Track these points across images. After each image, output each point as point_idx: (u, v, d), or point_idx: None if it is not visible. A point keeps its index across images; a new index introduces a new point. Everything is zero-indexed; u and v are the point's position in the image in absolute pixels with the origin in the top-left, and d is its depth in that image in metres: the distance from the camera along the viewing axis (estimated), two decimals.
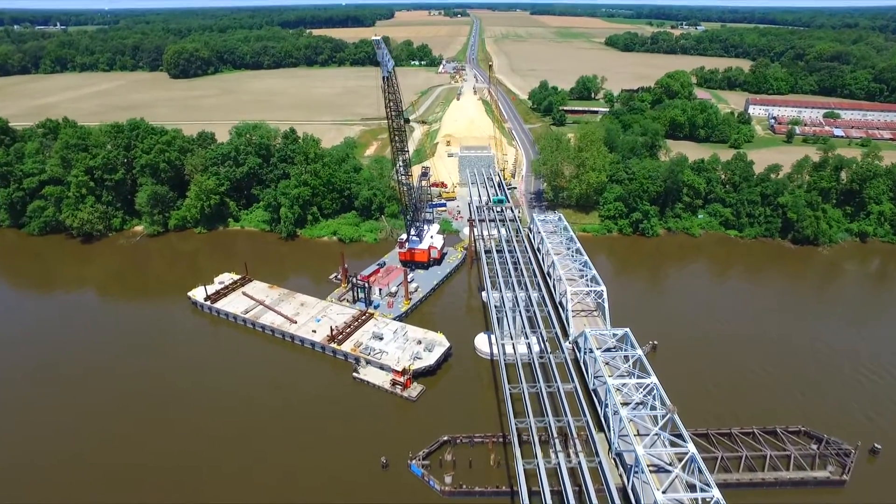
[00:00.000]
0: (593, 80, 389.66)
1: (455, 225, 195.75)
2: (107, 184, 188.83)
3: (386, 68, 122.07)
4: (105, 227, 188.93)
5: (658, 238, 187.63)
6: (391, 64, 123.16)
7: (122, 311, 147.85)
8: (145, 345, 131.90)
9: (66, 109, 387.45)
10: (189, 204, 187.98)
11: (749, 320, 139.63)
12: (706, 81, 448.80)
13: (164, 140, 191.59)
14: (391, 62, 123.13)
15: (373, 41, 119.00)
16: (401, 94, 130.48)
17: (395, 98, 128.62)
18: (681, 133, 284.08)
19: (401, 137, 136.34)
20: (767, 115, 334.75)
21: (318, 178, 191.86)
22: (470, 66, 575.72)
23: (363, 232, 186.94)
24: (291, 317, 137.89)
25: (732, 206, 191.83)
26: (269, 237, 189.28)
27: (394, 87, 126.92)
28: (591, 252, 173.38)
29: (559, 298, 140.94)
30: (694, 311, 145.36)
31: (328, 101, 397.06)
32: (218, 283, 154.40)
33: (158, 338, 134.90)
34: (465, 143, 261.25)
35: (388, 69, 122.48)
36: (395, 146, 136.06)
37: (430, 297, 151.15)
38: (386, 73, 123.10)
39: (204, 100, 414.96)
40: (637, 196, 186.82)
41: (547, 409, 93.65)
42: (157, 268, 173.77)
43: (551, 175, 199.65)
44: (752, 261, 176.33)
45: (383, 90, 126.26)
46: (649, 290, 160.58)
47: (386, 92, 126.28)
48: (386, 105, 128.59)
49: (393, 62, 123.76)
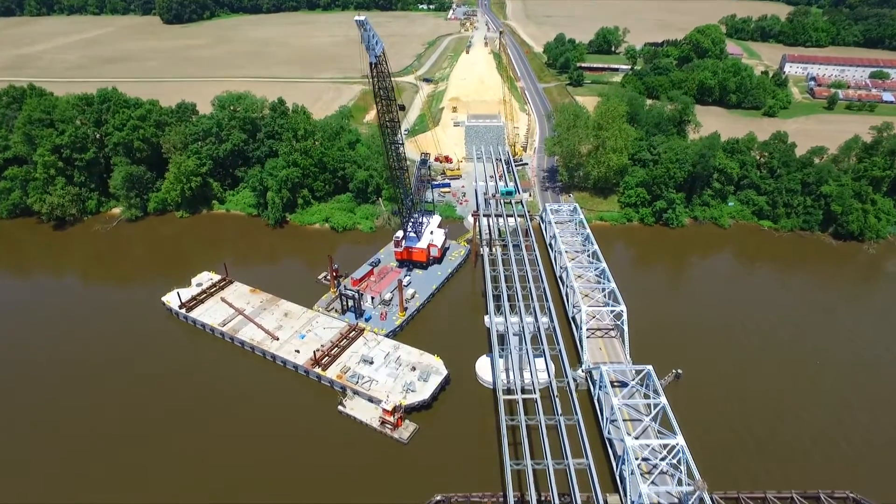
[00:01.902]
0: (614, 32, 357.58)
1: (459, 210, 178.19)
2: (77, 164, 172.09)
3: (373, 53, 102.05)
4: (79, 210, 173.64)
5: (683, 229, 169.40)
6: (380, 47, 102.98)
7: (88, 315, 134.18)
8: (110, 358, 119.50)
9: (50, 61, 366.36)
10: (168, 187, 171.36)
11: (787, 337, 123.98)
12: (737, 32, 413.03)
13: (137, 115, 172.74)
14: (380, 45, 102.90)
15: (356, 22, 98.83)
16: (392, 83, 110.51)
17: (386, 86, 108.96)
18: (710, 98, 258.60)
19: (394, 129, 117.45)
20: (806, 74, 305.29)
21: (309, 157, 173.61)
22: (482, 11, 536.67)
23: (358, 219, 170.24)
24: (273, 332, 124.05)
25: (768, 195, 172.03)
26: (256, 223, 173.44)
27: (384, 73, 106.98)
28: (608, 244, 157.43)
29: (571, 312, 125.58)
30: (722, 323, 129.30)
31: (328, 53, 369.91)
32: (195, 286, 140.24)
33: (125, 349, 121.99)
34: (473, 110, 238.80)
35: (375, 54, 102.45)
36: (387, 140, 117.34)
37: (430, 302, 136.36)
38: (373, 59, 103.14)
39: (197, 51, 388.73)
40: (662, 182, 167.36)
41: (550, 472, 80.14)
42: (132, 260, 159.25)
43: (567, 156, 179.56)
44: (789, 259, 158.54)
45: (371, 78, 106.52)
46: (672, 295, 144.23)
47: (374, 80, 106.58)
48: (375, 95, 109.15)
49: (382, 44, 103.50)
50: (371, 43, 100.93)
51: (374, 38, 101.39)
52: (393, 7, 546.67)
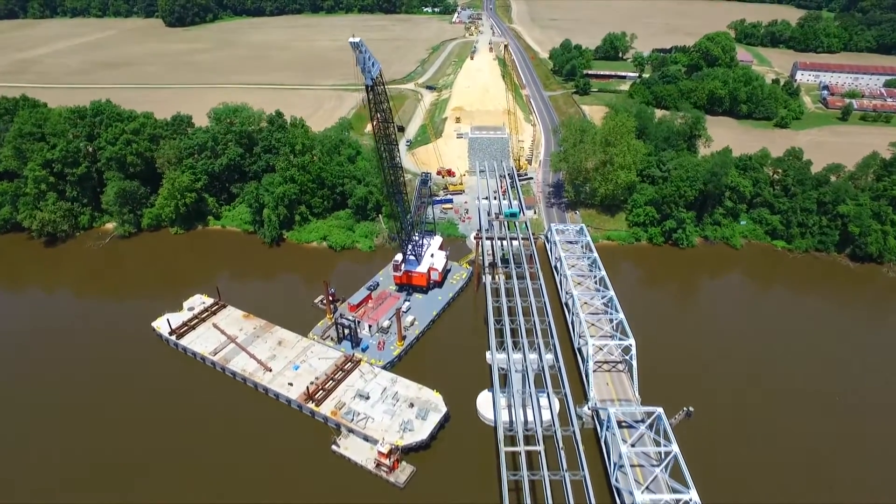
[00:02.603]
0: (621, 38, 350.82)
1: (461, 228, 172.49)
2: (69, 178, 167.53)
3: (370, 75, 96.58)
4: (71, 226, 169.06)
5: (693, 249, 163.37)
6: (377, 68, 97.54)
7: (75, 341, 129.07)
8: (96, 387, 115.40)
9: (51, 66, 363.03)
10: (161, 203, 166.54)
11: (807, 369, 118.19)
12: (746, 37, 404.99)
13: (131, 128, 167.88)
14: (377, 66, 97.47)
15: (350, 43, 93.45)
16: (390, 104, 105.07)
17: (384, 108, 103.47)
18: (720, 108, 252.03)
19: (391, 153, 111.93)
20: (818, 82, 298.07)
21: (307, 173, 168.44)
22: (487, 14, 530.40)
23: (357, 237, 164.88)
24: (266, 362, 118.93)
25: (782, 214, 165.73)
26: (251, 240, 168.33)
27: (381, 95, 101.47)
28: (616, 264, 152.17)
29: (577, 343, 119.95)
30: (735, 353, 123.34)
31: (330, 59, 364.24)
32: (187, 310, 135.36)
33: (112, 379, 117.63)
34: (477, 120, 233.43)
35: (372, 76, 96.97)
36: (385, 165, 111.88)
37: (430, 329, 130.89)
38: (370, 82, 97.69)
39: (198, 55, 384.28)
40: (672, 201, 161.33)
41: None
42: (123, 279, 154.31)
43: (573, 172, 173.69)
44: (805, 282, 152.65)
45: (368, 102, 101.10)
46: (682, 322, 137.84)
47: (371, 104, 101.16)
48: (372, 118, 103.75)
49: (379, 65, 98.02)
50: (367, 65, 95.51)
51: (371, 60, 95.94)
52: (397, 10, 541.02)
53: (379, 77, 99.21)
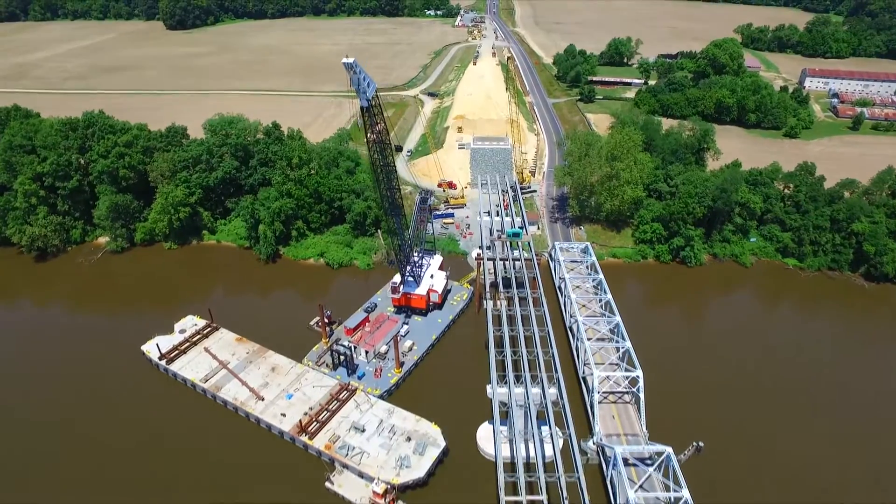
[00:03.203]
0: (626, 43, 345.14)
1: (462, 245, 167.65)
2: (60, 192, 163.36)
3: (365, 96, 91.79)
4: (62, 240, 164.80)
5: (701, 267, 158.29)
6: (372, 88, 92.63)
7: (62, 364, 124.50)
8: (81, 414, 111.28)
9: (50, 70, 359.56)
10: (154, 217, 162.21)
11: (824, 398, 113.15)
12: (753, 42, 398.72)
13: (124, 140, 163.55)
14: (372, 86, 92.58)
15: (344, 65, 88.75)
16: (387, 128, 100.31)
17: (380, 130, 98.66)
18: (728, 117, 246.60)
19: (389, 176, 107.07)
20: (828, 90, 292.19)
21: (304, 187, 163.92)
22: (490, 17, 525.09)
23: (355, 254, 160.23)
24: (258, 390, 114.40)
25: (793, 231, 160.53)
26: (247, 256, 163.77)
27: (376, 117, 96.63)
28: (621, 283, 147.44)
29: (582, 372, 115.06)
30: (747, 380, 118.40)
31: (331, 64, 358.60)
32: (178, 332, 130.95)
33: (99, 405, 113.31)
34: (479, 130, 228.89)
35: (367, 97, 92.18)
36: (382, 187, 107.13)
37: (429, 354, 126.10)
38: (365, 103, 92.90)
39: (198, 59, 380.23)
40: (680, 219, 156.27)
41: None
42: (114, 298, 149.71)
43: (578, 187, 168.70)
44: (818, 303, 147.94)
45: (364, 123, 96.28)
46: (691, 346, 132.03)
47: (367, 125, 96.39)
48: (368, 140, 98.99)
49: (374, 85, 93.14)
50: (362, 85, 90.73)
51: (366, 80, 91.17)
52: (399, 13, 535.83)
53: (375, 97, 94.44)
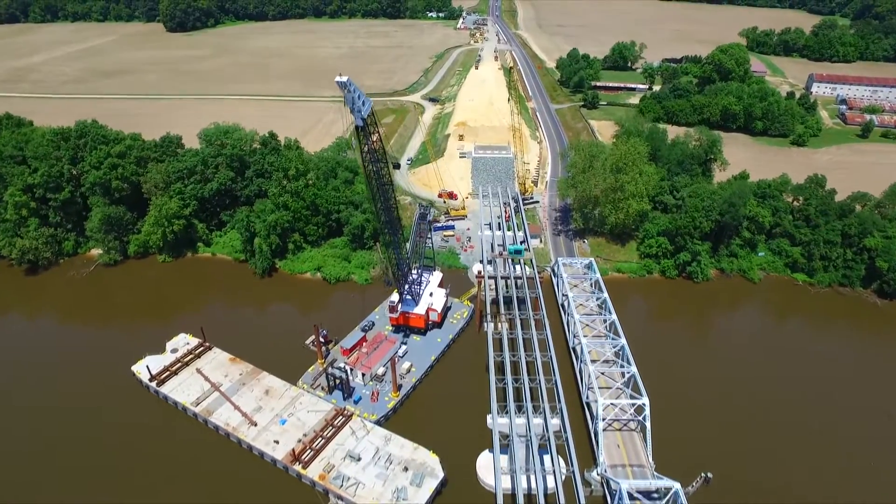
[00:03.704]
0: (630, 47, 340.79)
1: (463, 258, 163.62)
2: (51, 204, 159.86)
3: (360, 115, 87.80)
4: (53, 253, 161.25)
5: (708, 283, 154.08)
6: (367, 107, 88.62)
7: (50, 383, 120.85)
8: (68, 436, 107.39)
9: (48, 74, 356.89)
10: (148, 230, 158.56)
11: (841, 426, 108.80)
12: (759, 45, 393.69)
13: (116, 151, 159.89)
14: (367, 104, 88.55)
15: (337, 83, 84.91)
16: (384, 146, 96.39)
17: (375, 150, 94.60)
18: (734, 124, 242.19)
19: (385, 195, 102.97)
20: (836, 96, 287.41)
21: (301, 199, 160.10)
22: (492, 19, 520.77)
23: (353, 268, 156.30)
24: (251, 415, 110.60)
25: (803, 245, 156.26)
26: (242, 270, 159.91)
27: (371, 137, 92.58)
28: (626, 299, 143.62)
29: (586, 397, 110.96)
30: (757, 404, 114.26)
31: (332, 67, 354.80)
32: (170, 351, 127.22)
33: (86, 428, 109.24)
34: (481, 137, 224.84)
35: (362, 116, 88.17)
36: (378, 207, 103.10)
37: (428, 375, 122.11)
38: (360, 122, 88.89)
39: (198, 62, 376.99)
40: (686, 233, 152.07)
41: None
42: (105, 313, 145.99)
43: (582, 200, 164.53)
44: (829, 321, 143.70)
45: (359, 142, 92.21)
46: (698, 368, 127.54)
47: (362, 145, 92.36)
48: (363, 161, 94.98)
49: (370, 103, 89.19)
50: (357, 104, 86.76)
51: (361, 98, 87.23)
52: (401, 15, 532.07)
53: (370, 116, 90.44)
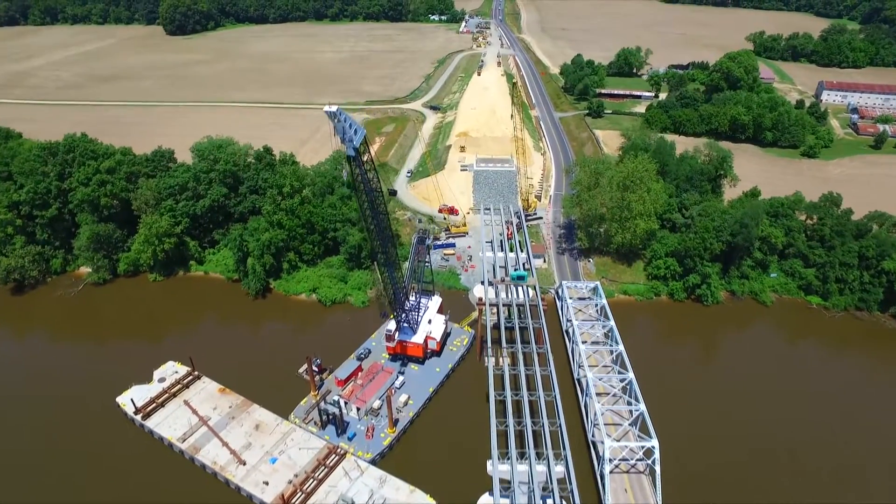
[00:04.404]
0: (636, 53, 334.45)
1: (464, 279, 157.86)
2: (38, 221, 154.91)
3: (352, 145, 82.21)
4: (41, 271, 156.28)
5: (718, 306, 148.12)
6: (360, 136, 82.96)
7: (30, 414, 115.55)
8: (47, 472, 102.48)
9: (45, 79, 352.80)
10: (138, 248, 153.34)
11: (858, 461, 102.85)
12: (766, 50, 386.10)
13: (106, 167, 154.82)
14: (360, 133, 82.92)
15: (326, 113, 79.42)
16: (378, 176, 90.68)
17: (369, 180, 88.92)
18: (743, 135, 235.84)
19: (380, 227, 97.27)
20: (846, 104, 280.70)
21: (296, 217, 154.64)
22: (495, 22, 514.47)
23: (349, 290, 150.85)
24: (240, 452, 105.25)
25: (818, 267, 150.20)
26: (235, 290, 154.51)
27: (365, 167, 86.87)
28: (633, 323, 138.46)
29: (591, 435, 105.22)
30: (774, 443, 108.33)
31: (332, 73, 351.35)
32: (157, 380, 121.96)
33: (67, 463, 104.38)
34: (483, 148, 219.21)
35: (354, 146, 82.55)
36: (374, 242, 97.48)
37: (426, 409, 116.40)
38: (352, 152, 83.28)
39: (196, 67, 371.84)
40: (696, 254, 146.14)
41: None
42: (92, 336, 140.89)
43: (587, 219, 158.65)
44: (845, 346, 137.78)
45: (351, 173, 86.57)
46: (709, 402, 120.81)
47: (354, 176, 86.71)
48: (357, 192, 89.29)
49: (363, 132, 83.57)
50: (349, 133, 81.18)
51: (353, 127, 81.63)
52: (403, 18, 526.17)
53: (363, 145, 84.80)
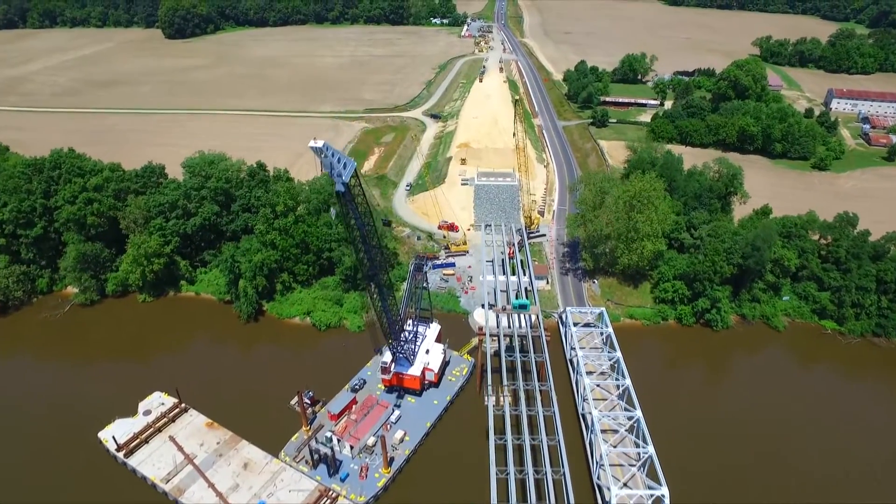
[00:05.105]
0: (640, 59, 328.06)
1: (464, 302, 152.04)
2: (23, 240, 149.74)
3: (341, 180, 76.51)
4: (26, 291, 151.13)
5: (728, 331, 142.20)
6: (349, 170, 77.13)
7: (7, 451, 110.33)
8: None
9: (41, 85, 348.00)
10: (126, 269, 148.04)
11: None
12: (773, 55, 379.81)
13: (93, 184, 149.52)
14: (349, 167, 77.13)
15: (311, 149, 73.80)
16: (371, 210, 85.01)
17: (361, 215, 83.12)
18: (751, 146, 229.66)
19: (372, 260, 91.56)
20: (857, 113, 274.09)
21: (289, 237, 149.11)
22: (498, 26, 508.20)
23: (345, 313, 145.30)
24: (226, 494, 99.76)
25: (833, 291, 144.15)
26: (226, 312, 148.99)
27: (355, 201, 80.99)
28: (639, 349, 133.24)
29: (596, 476, 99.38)
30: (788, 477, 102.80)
31: (332, 79, 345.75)
32: (143, 413, 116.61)
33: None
34: (485, 161, 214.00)
35: (343, 180, 76.82)
36: (367, 275, 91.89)
37: (423, 445, 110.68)
38: (341, 188, 77.58)
39: (195, 73, 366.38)
40: (706, 278, 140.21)
41: None
42: (76, 363, 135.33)
43: (592, 240, 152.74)
44: (862, 375, 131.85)
45: (340, 210, 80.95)
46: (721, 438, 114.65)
47: (345, 212, 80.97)
48: (348, 228, 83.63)
49: (353, 165, 77.70)
50: (337, 168, 75.49)
51: (342, 161, 75.91)
52: (404, 22, 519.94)
53: (354, 178, 79.07)
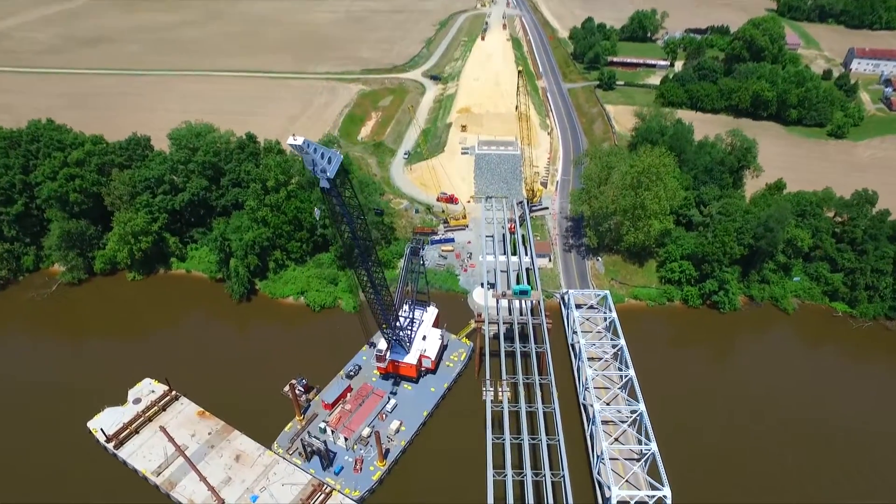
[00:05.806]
0: (650, 16, 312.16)
1: (462, 281, 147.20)
2: (3, 217, 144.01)
3: (325, 176, 69.79)
4: (11, 270, 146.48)
5: (736, 313, 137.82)
6: (335, 164, 69.95)
7: None
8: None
9: (20, 41, 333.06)
10: (113, 247, 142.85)
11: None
12: (790, 10, 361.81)
13: (74, 158, 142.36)
14: (334, 161, 69.88)
15: (291, 147, 66.68)
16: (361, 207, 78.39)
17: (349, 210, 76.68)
18: (765, 112, 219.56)
19: (366, 254, 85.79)
20: (879, 73, 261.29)
21: (282, 213, 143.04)
22: None
23: (339, 293, 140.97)
24: (218, 488, 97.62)
25: (846, 272, 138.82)
26: (218, 290, 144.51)
27: (344, 196, 74.44)
28: (644, 332, 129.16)
29: (597, 471, 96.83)
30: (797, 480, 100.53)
31: (327, 36, 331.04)
32: (133, 402, 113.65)
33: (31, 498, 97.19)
34: (486, 127, 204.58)
35: (328, 177, 70.05)
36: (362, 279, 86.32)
37: (419, 435, 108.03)
38: (326, 184, 70.94)
39: (185, 30, 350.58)
40: (715, 259, 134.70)
41: None
42: (63, 347, 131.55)
43: (597, 217, 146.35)
44: (875, 361, 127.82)
45: (328, 208, 74.48)
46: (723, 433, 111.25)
47: (332, 209, 74.58)
48: (337, 224, 77.43)
49: (339, 158, 70.32)
50: (320, 164, 68.69)
51: (326, 156, 68.95)
52: None
53: (341, 176, 72.22)
